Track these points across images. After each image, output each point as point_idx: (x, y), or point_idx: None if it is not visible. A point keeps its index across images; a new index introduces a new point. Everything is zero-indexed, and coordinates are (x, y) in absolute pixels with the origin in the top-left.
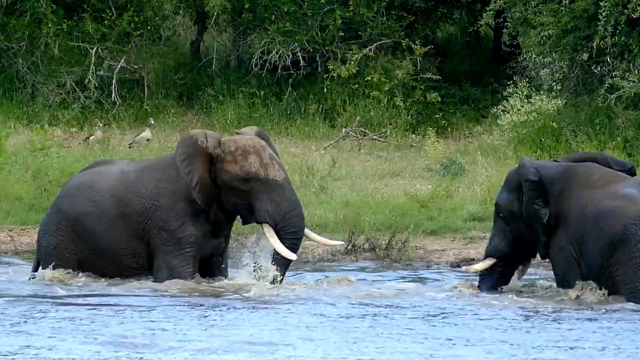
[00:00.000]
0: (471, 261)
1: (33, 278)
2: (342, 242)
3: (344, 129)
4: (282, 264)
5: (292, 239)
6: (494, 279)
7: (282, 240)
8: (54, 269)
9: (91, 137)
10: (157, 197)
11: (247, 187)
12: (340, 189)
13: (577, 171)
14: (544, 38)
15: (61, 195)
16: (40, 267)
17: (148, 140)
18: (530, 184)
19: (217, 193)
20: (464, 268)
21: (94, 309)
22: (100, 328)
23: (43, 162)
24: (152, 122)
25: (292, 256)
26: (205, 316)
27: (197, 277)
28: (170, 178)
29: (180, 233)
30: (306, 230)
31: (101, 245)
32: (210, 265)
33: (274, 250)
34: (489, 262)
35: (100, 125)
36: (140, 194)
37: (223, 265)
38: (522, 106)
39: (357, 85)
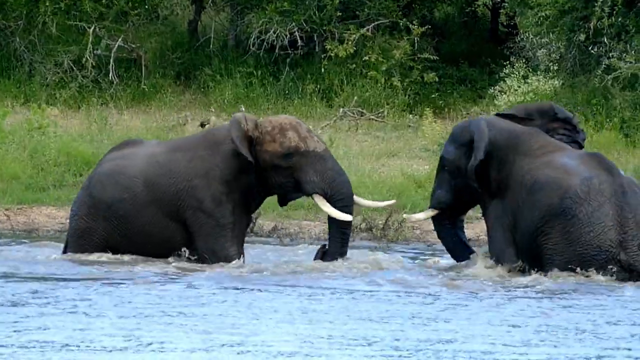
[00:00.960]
0: (469, 241)
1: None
2: (394, 201)
3: (341, 109)
4: (339, 233)
5: (342, 206)
6: (449, 229)
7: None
8: (82, 251)
9: (206, 125)
10: (190, 177)
11: (290, 163)
12: None
13: (521, 138)
14: (541, 18)
15: (93, 179)
16: (68, 249)
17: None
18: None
19: (262, 176)
20: (405, 216)
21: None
22: (154, 307)
23: (40, 142)
24: (243, 108)
25: (347, 217)
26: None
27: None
28: (203, 157)
29: (218, 213)
30: (355, 197)
31: (134, 230)
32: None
33: (329, 220)
34: (430, 212)
35: (213, 110)
36: (172, 175)
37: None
38: (519, 87)
39: (354, 65)
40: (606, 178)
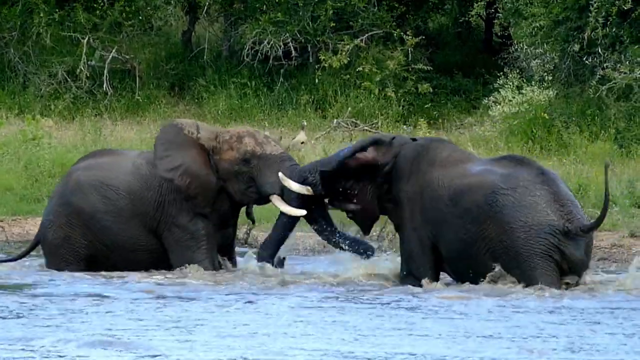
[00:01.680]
0: None
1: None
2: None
3: (335, 120)
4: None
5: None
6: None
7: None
8: (63, 261)
9: (294, 139)
10: (167, 191)
11: (248, 168)
12: None
13: (426, 148)
14: (535, 29)
15: (68, 188)
16: (45, 260)
17: (303, 143)
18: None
19: (223, 185)
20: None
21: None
22: (147, 314)
23: (34, 153)
24: (305, 124)
25: (300, 212)
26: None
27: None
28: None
29: (192, 227)
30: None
31: (118, 241)
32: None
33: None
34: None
35: (305, 124)
36: (155, 189)
37: (233, 256)
38: (514, 97)
39: (348, 76)
40: (522, 167)
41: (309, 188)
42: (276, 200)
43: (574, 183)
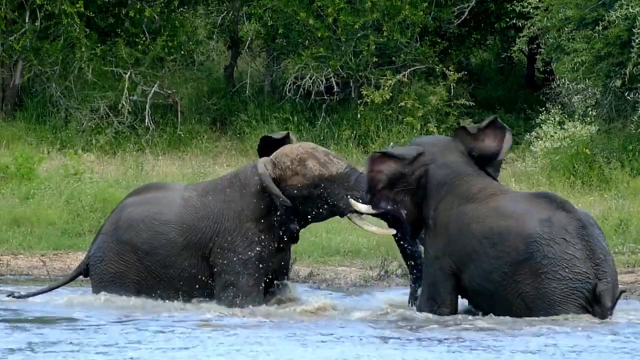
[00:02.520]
0: None
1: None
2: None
3: None
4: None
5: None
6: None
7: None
8: (112, 294)
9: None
10: (222, 219)
11: (319, 191)
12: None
13: (458, 178)
14: (577, 64)
15: (120, 224)
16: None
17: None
18: None
19: (295, 209)
20: (365, 228)
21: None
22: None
23: (76, 187)
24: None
25: (390, 232)
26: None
27: (261, 296)
28: (234, 198)
29: (247, 253)
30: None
31: (171, 275)
32: (276, 276)
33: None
34: (393, 230)
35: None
36: (208, 219)
37: (286, 277)
38: (555, 132)
39: (390, 111)
40: (564, 215)
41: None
42: (356, 220)
43: (615, 218)
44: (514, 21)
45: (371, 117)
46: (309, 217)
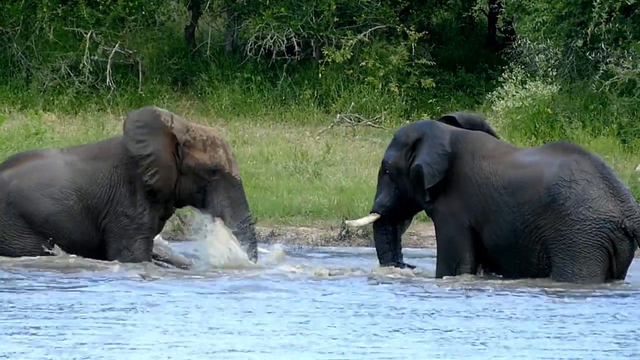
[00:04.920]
0: None
1: None
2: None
3: (338, 115)
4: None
5: (250, 245)
6: (385, 234)
7: (242, 243)
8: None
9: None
10: (117, 184)
11: (210, 178)
12: (334, 174)
13: (473, 140)
14: (539, 24)
15: (10, 200)
16: None
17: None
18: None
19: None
20: (347, 222)
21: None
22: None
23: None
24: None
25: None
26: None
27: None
28: (127, 163)
29: (141, 219)
30: (350, 221)
31: (74, 241)
32: None
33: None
34: (372, 217)
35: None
36: (102, 184)
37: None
38: (517, 92)
39: (351, 71)
40: (582, 157)
41: (375, 214)
42: (221, 223)
43: None
44: None
45: (332, 76)
46: (182, 193)
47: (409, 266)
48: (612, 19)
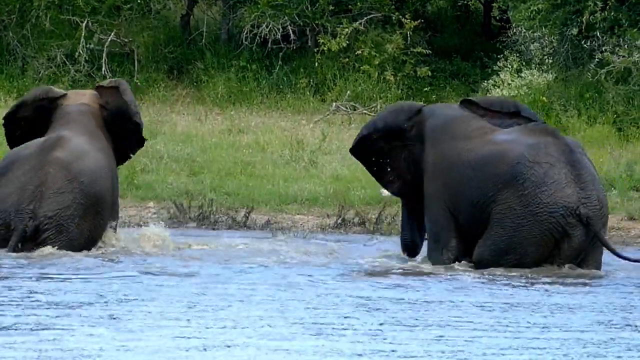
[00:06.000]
0: None
1: None
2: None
3: (334, 103)
4: None
5: None
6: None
7: None
8: None
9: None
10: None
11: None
12: (330, 163)
13: (457, 122)
14: (534, 12)
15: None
16: None
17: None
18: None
19: None
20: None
21: None
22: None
23: None
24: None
25: None
26: None
27: None
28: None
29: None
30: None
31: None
32: None
33: None
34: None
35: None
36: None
37: None
38: (513, 80)
39: (347, 59)
40: (552, 140)
41: None
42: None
43: None
44: None
45: (328, 65)
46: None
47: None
48: (608, 7)
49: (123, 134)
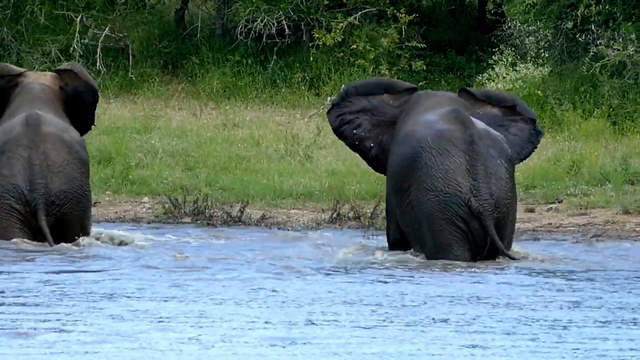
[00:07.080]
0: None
1: None
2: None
3: (329, 98)
4: None
5: None
6: None
7: None
8: None
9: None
10: None
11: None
12: (325, 157)
13: (415, 102)
14: (529, 6)
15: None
16: None
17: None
18: None
19: None
20: None
21: None
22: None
23: None
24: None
25: None
26: None
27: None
28: None
29: None
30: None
31: None
32: None
33: None
34: None
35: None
36: None
37: None
38: (507, 74)
39: (342, 54)
40: (458, 128)
41: None
42: None
43: (568, 160)
44: None
45: (323, 59)
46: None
47: None
48: (602, 0)
49: (78, 117)
